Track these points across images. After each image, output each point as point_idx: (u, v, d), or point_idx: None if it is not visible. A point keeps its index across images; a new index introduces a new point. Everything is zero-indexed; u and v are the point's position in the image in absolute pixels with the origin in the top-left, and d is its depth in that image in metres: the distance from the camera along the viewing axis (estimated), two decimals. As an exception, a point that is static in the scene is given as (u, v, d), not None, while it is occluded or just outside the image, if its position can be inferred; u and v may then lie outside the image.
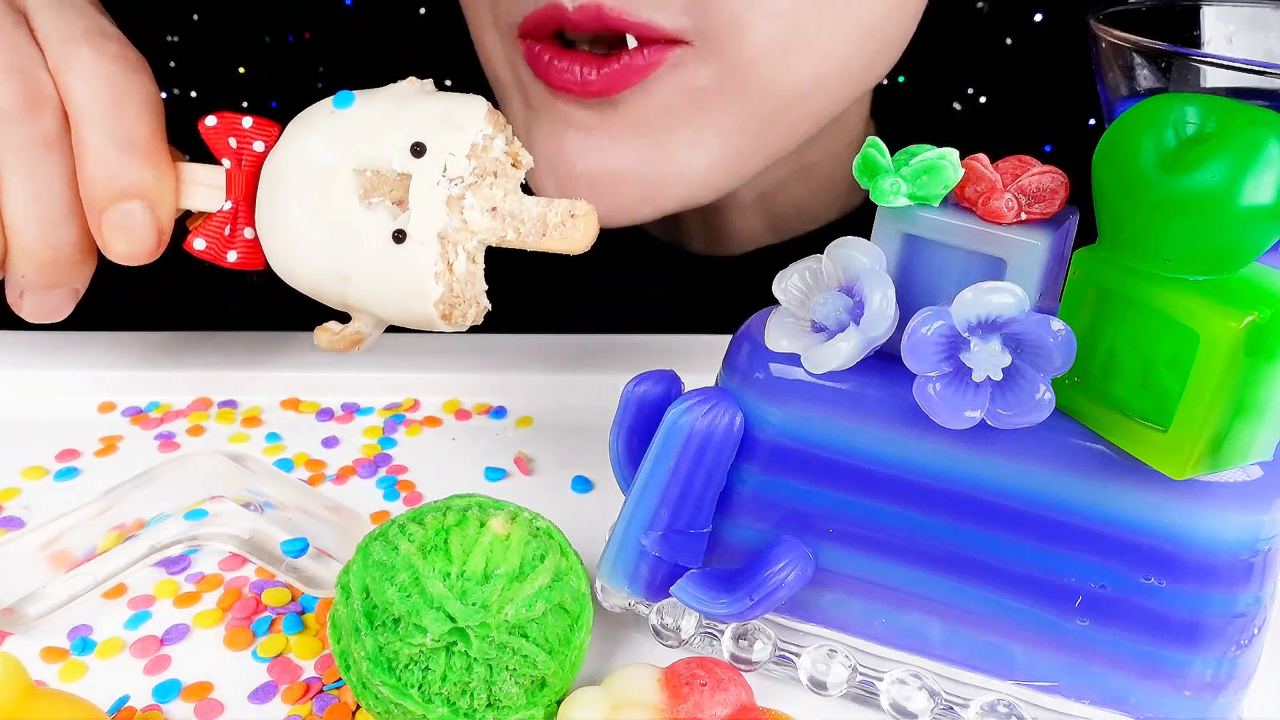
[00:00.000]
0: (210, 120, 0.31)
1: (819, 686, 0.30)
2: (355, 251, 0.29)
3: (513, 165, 0.31)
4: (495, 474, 0.39)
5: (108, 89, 0.32)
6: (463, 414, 0.42)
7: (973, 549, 0.27)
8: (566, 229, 0.30)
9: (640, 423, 0.30)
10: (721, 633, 0.30)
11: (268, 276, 0.33)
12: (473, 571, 0.26)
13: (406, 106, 0.30)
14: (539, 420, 0.42)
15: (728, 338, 0.30)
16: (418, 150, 0.29)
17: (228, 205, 0.31)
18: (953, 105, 0.62)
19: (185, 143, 0.35)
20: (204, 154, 0.33)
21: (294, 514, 0.34)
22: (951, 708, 0.29)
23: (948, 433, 0.26)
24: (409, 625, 0.26)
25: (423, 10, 0.61)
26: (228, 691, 0.29)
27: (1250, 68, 0.31)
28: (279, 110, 0.39)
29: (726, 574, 0.29)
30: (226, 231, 0.31)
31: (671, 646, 0.31)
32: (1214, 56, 0.34)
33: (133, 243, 0.31)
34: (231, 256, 0.31)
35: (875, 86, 0.52)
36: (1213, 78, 0.32)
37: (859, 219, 0.55)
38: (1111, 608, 0.26)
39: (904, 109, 0.58)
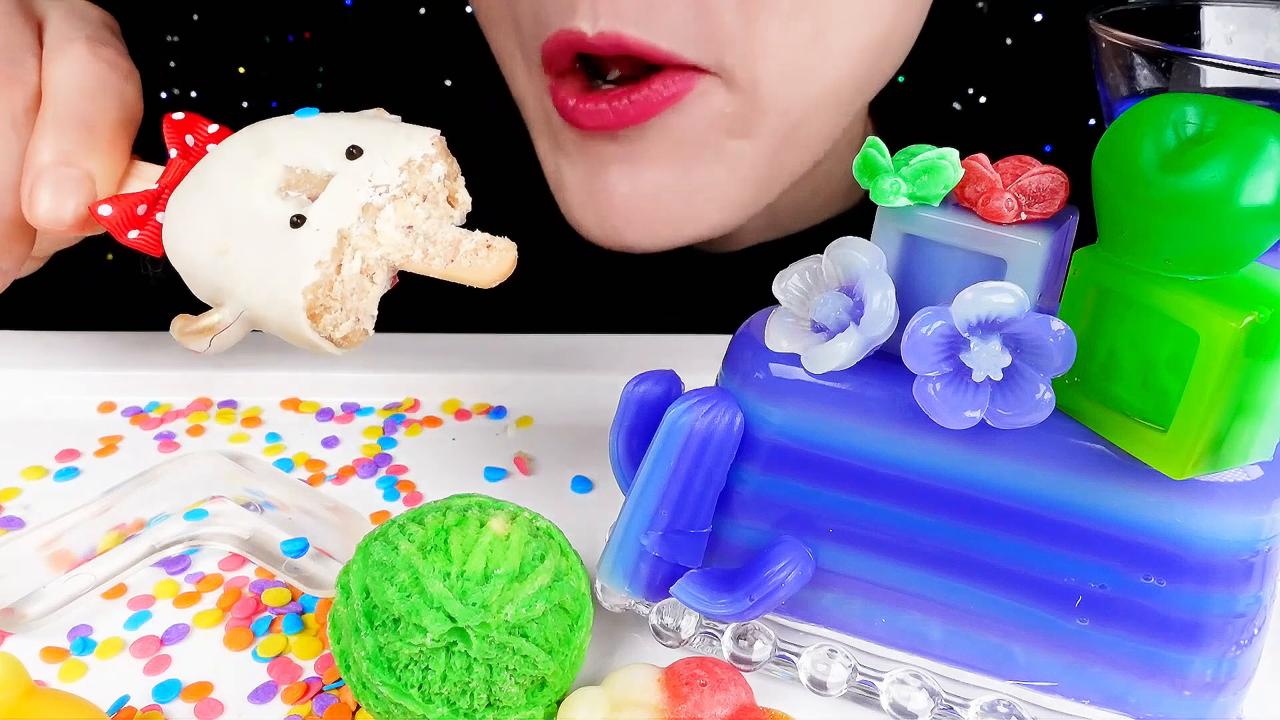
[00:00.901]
0: (177, 115, 0.31)
1: (819, 686, 0.30)
2: (245, 228, 0.27)
3: (448, 202, 0.30)
4: (495, 474, 0.39)
5: (85, 78, 0.32)
6: (463, 414, 0.42)
7: (973, 549, 0.27)
8: (478, 259, 0.28)
9: (640, 423, 0.30)
10: (721, 633, 0.30)
11: (165, 270, 0.31)
12: (473, 571, 0.26)
13: (362, 124, 0.29)
14: (539, 420, 0.42)
15: (728, 338, 0.30)
16: (352, 153, 0.28)
17: (154, 187, 0.31)
18: (953, 105, 0.62)
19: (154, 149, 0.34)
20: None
21: (294, 514, 0.34)
22: (951, 708, 0.29)
23: (948, 433, 0.26)
24: (409, 625, 0.26)
25: (423, 10, 0.61)
26: (228, 691, 0.29)
27: (1250, 68, 0.31)
28: (279, 110, 0.40)
29: (726, 574, 0.29)
30: (140, 210, 0.30)
31: (671, 646, 0.31)
32: (1214, 56, 0.34)
33: (56, 204, 0.30)
34: (132, 234, 0.30)
35: None
36: (1213, 78, 0.32)
37: (858, 217, 0.55)
38: (1111, 608, 0.26)
39: (904, 109, 0.58)
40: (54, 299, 0.52)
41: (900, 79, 0.56)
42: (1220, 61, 0.32)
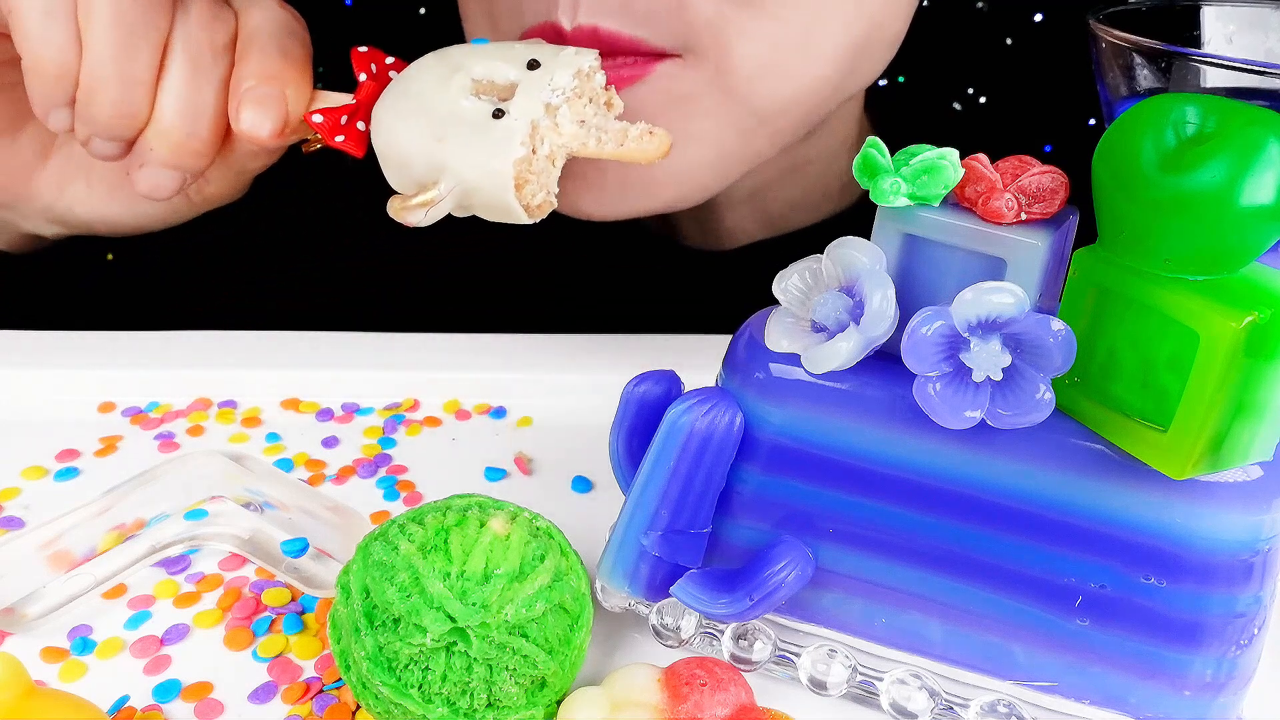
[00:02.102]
0: (362, 48, 0.37)
1: (819, 686, 0.30)
2: (455, 121, 0.33)
3: (606, 106, 0.36)
4: (495, 474, 0.39)
5: (276, 21, 0.38)
6: (463, 414, 0.42)
7: (973, 549, 0.27)
8: (643, 141, 0.35)
9: (640, 423, 0.30)
10: (721, 633, 0.30)
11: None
12: (473, 571, 0.26)
13: (532, 46, 0.36)
14: (539, 420, 0.42)
15: (728, 338, 0.30)
16: (532, 65, 0.34)
17: (351, 101, 0.37)
18: (953, 105, 0.62)
19: None
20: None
21: (294, 514, 0.34)
22: (951, 708, 0.29)
23: (948, 433, 0.26)
24: (409, 625, 0.26)
25: (423, 10, 0.62)
26: (228, 691, 0.29)
27: (1250, 68, 0.31)
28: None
29: (726, 574, 0.29)
30: (343, 120, 0.36)
31: (671, 646, 0.31)
32: (1214, 56, 0.34)
33: (261, 115, 0.36)
34: (338, 138, 0.36)
35: (871, 86, 0.52)
36: (1213, 78, 0.32)
37: (854, 215, 0.55)
38: (1111, 608, 0.26)
39: (904, 109, 0.58)
40: (54, 299, 0.52)
41: (900, 79, 0.56)
42: (1220, 61, 0.32)
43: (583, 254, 0.57)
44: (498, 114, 0.33)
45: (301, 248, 0.58)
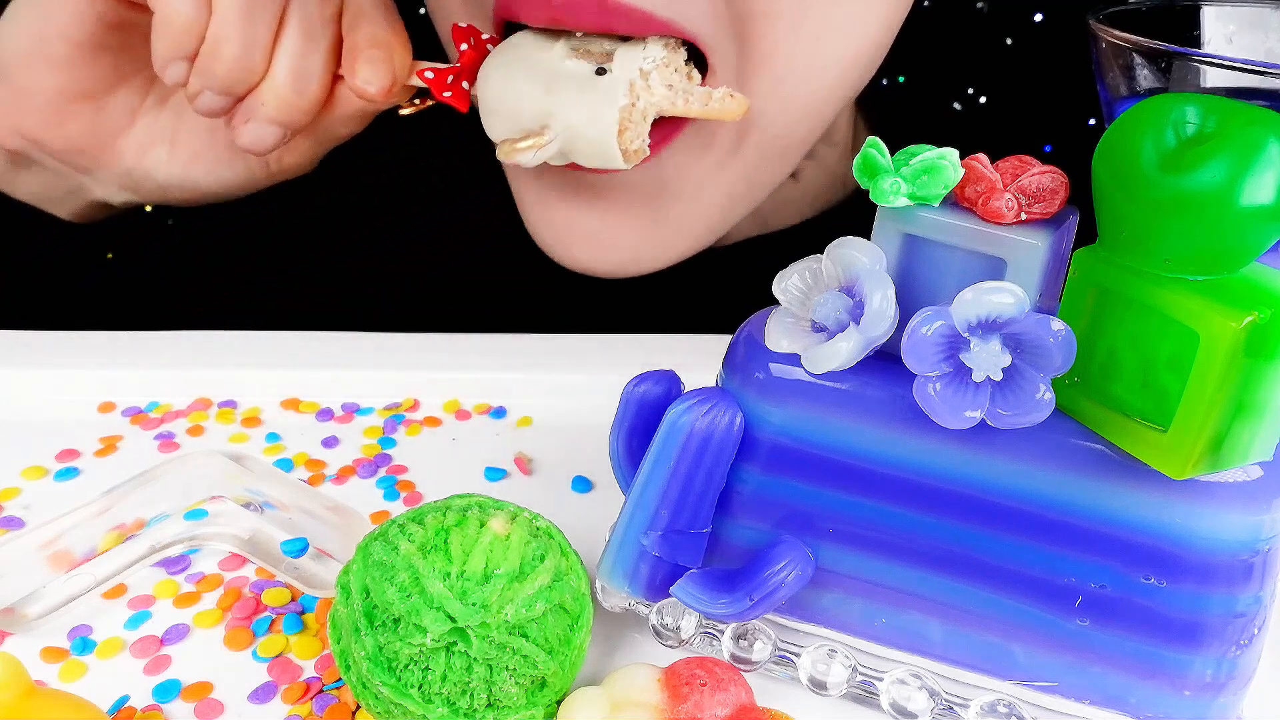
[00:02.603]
0: (462, 24, 0.41)
1: (819, 686, 0.30)
2: (562, 75, 0.38)
3: (688, 78, 0.40)
4: (495, 474, 0.39)
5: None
6: (463, 414, 0.42)
7: (973, 549, 0.27)
8: (726, 103, 0.39)
9: (640, 423, 0.30)
10: (721, 633, 0.30)
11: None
12: (473, 571, 0.26)
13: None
14: (539, 420, 0.42)
15: (728, 338, 0.30)
16: (625, 38, 0.39)
17: (456, 65, 0.41)
18: (953, 105, 0.62)
19: None
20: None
21: (294, 514, 0.34)
22: (951, 708, 0.29)
23: (948, 433, 0.26)
24: (409, 625, 0.26)
25: (422, 10, 0.62)
26: (228, 691, 0.29)
27: (1250, 68, 0.31)
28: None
29: (726, 574, 0.29)
30: (450, 80, 0.41)
31: (671, 646, 0.31)
32: (1214, 56, 0.34)
33: (374, 73, 0.39)
34: (446, 94, 0.41)
35: (871, 85, 0.52)
36: (1213, 78, 0.32)
37: (850, 211, 0.55)
38: (1111, 608, 0.26)
39: (904, 109, 0.58)
40: (54, 299, 0.52)
41: (900, 79, 0.56)
42: (1220, 61, 0.32)
43: None
44: (600, 72, 0.38)
45: (301, 248, 0.58)
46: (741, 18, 0.39)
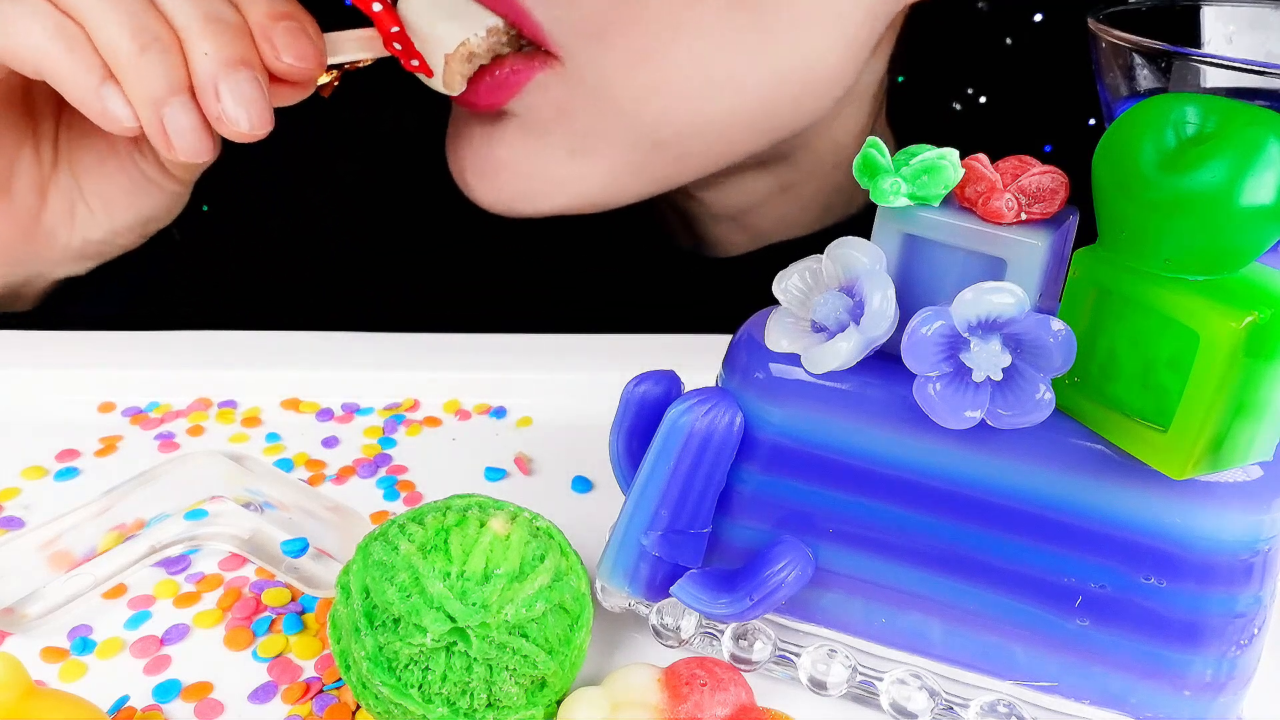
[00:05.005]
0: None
1: (819, 686, 0.30)
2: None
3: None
4: (495, 474, 0.39)
5: None
6: (463, 414, 0.42)
7: (973, 549, 0.27)
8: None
9: (640, 423, 0.30)
10: (721, 633, 0.30)
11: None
12: (473, 571, 0.26)
13: None
14: (539, 420, 0.42)
15: (728, 338, 0.30)
16: None
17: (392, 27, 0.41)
18: (953, 105, 0.61)
19: None
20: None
21: (294, 514, 0.34)
22: (951, 708, 0.29)
23: (948, 433, 0.26)
24: (409, 625, 0.26)
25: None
26: (228, 691, 0.29)
27: (1250, 68, 0.31)
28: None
29: (726, 574, 0.29)
30: (395, 39, 0.41)
31: (671, 646, 0.31)
32: (1214, 56, 0.34)
33: (297, 46, 0.38)
34: (414, 63, 0.42)
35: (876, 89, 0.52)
36: (1213, 78, 0.32)
37: (852, 226, 0.55)
38: (1111, 608, 0.26)
39: (904, 109, 0.58)
40: (54, 299, 0.52)
41: (900, 79, 0.56)
42: (1220, 61, 0.32)
43: (583, 254, 0.57)
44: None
45: (302, 248, 0.58)
46: (603, 22, 0.40)
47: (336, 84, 0.41)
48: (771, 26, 0.41)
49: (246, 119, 0.37)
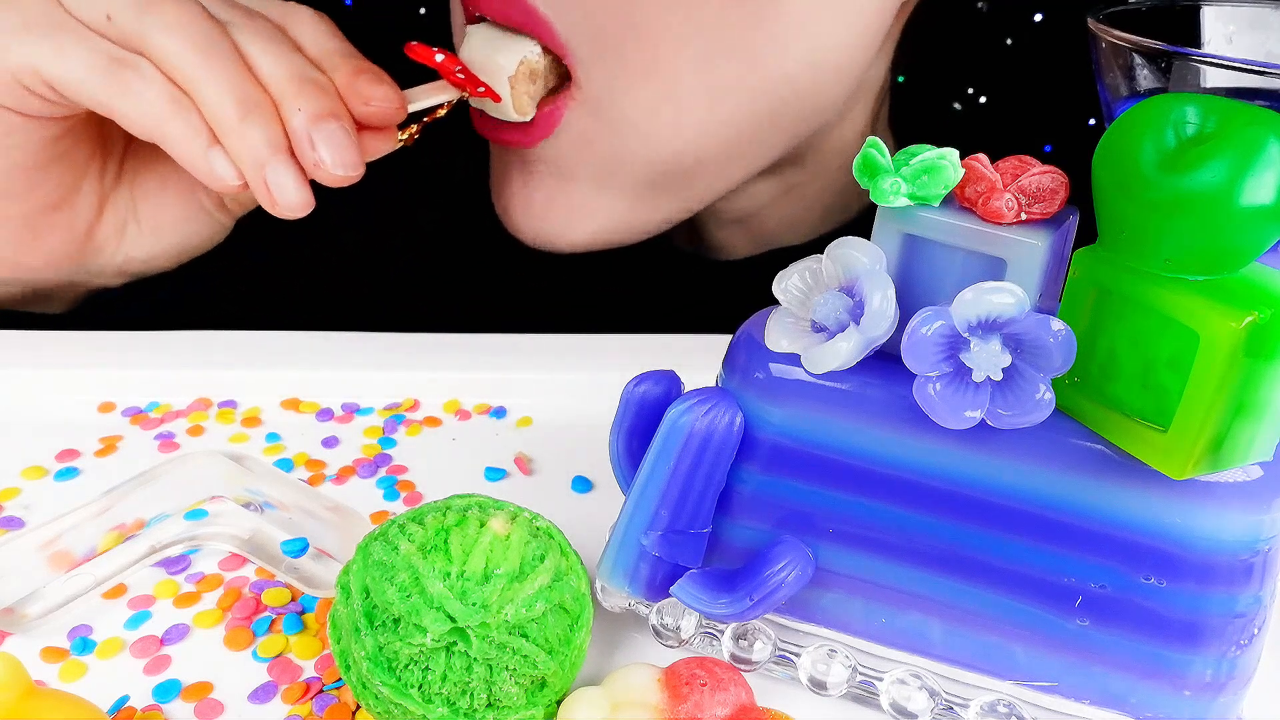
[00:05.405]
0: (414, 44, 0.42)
1: (819, 686, 0.30)
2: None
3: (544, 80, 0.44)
4: (495, 474, 0.39)
5: (327, 29, 0.43)
6: (463, 414, 0.42)
7: (973, 549, 0.27)
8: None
9: (640, 423, 0.30)
10: (721, 633, 0.30)
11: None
12: (473, 571, 0.26)
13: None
14: (539, 420, 0.42)
15: (728, 338, 0.30)
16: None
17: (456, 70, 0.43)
18: (953, 105, 0.61)
19: None
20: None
21: (294, 514, 0.34)
22: (951, 708, 0.29)
23: (948, 433, 0.26)
24: (409, 625, 0.26)
25: (423, 10, 0.62)
26: (228, 691, 0.29)
27: (1250, 68, 0.31)
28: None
29: (726, 574, 0.29)
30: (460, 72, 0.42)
31: (671, 646, 0.31)
32: (1214, 56, 0.34)
33: (384, 93, 0.40)
34: (480, 89, 0.43)
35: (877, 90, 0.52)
36: (1213, 78, 0.32)
37: (854, 227, 0.55)
38: (1111, 608, 0.26)
39: (904, 109, 0.58)
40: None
41: (900, 79, 0.56)
42: (1220, 61, 0.32)
43: (583, 255, 0.57)
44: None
45: (301, 248, 0.58)
46: (612, 32, 0.41)
47: (418, 135, 0.43)
48: (774, 24, 0.41)
49: (340, 163, 0.39)
